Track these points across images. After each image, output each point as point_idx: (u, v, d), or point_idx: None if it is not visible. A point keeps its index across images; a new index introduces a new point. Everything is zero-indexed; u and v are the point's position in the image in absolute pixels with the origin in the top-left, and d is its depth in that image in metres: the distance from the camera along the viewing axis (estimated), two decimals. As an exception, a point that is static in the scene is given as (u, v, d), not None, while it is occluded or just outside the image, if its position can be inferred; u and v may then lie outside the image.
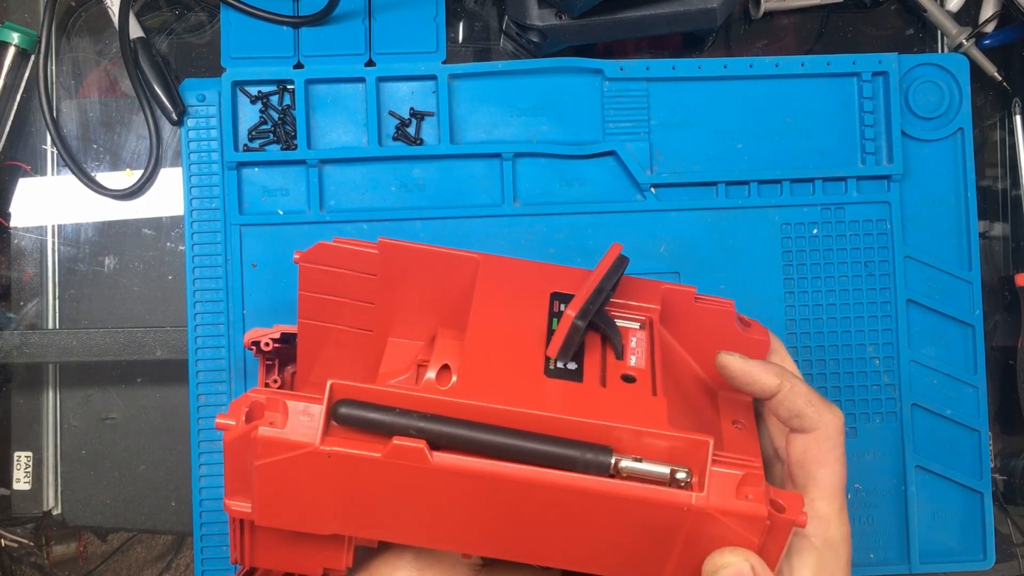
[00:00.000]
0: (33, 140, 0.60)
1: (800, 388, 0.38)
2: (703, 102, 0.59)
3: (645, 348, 0.39)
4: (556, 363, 0.37)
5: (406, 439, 0.33)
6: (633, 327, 0.40)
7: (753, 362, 0.39)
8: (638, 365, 0.38)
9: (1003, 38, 0.62)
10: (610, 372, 0.38)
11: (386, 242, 0.42)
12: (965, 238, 0.60)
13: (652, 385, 0.37)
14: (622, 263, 0.40)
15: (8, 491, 0.59)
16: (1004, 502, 0.62)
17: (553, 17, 0.55)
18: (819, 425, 0.38)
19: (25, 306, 0.59)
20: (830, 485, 0.38)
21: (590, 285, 0.38)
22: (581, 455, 0.33)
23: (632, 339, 0.39)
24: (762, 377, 0.38)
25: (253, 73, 0.58)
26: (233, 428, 0.33)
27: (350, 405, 0.33)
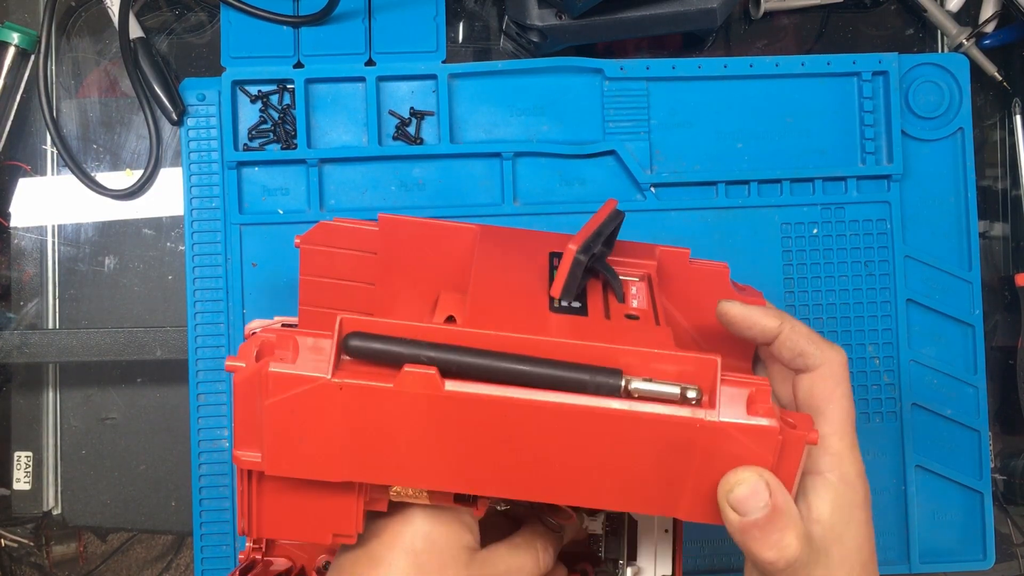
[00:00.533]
0: (33, 140, 0.60)
1: (800, 328, 0.39)
2: (703, 102, 0.59)
3: (646, 295, 0.40)
4: (560, 302, 0.37)
5: (417, 367, 0.32)
6: (633, 279, 0.41)
7: (753, 307, 0.39)
8: (640, 306, 0.39)
9: (1003, 38, 0.62)
10: (613, 311, 0.38)
11: (386, 217, 0.42)
12: (965, 238, 0.60)
13: (655, 321, 0.38)
14: (618, 215, 0.40)
15: (8, 491, 0.59)
16: (1004, 502, 0.62)
17: (553, 17, 0.55)
18: (823, 361, 0.38)
19: (25, 306, 0.59)
20: (840, 420, 0.38)
21: (589, 227, 0.38)
22: (591, 377, 0.33)
23: (632, 288, 0.40)
24: (762, 320, 0.39)
25: (253, 73, 0.58)
26: (243, 369, 0.33)
27: (361, 337, 0.33)
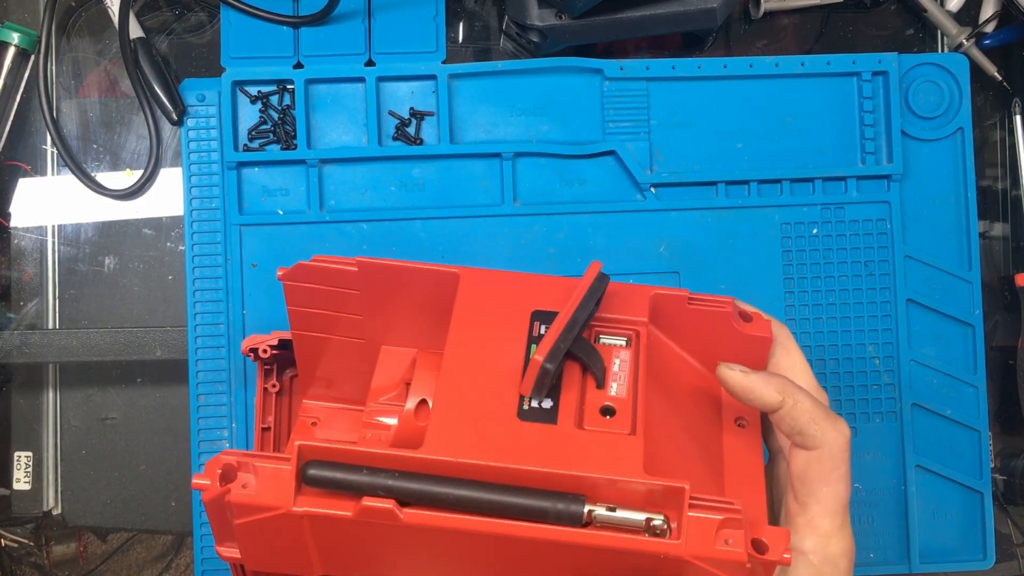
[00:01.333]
0: (33, 140, 0.60)
1: (803, 404, 0.37)
2: (703, 102, 0.59)
3: (629, 371, 0.38)
4: (530, 402, 0.36)
5: (375, 499, 0.33)
6: (619, 343, 0.39)
7: (754, 376, 0.38)
8: (619, 394, 0.37)
9: (1003, 38, 0.62)
10: (588, 405, 0.37)
11: (364, 261, 0.42)
12: (965, 238, 0.60)
13: (632, 418, 0.36)
14: (601, 284, 0.38)
15: (8, 491, 0.59)
16: (1004, 502, 0.62)
17: (553, 17, 0.55)
18: (822, 443, 0.37)
19: (25, 306, 0.59)
20: (832, 502, 0.37)
21: (563, 318, 0.36)
22: (553, 506, 0.33)
23: (615, 360, 0.38)
24: (763, 393, 0.37)
25: (253, 73, 0.58)
26: (209, 488, 0.34)
27: (319, 467, 0.33)
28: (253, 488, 0.34)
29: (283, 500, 0.33)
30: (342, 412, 0.51)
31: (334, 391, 0.50)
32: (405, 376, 0.44)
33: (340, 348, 0.47)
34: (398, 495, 0.33)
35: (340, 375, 0.48)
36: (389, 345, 0.46)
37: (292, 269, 0.43)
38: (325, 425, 0.50)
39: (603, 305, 0.39)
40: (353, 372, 0.48)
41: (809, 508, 0.38)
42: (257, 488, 0.34)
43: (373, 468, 0.33)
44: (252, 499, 0.33)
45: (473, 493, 0.33)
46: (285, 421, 0.54)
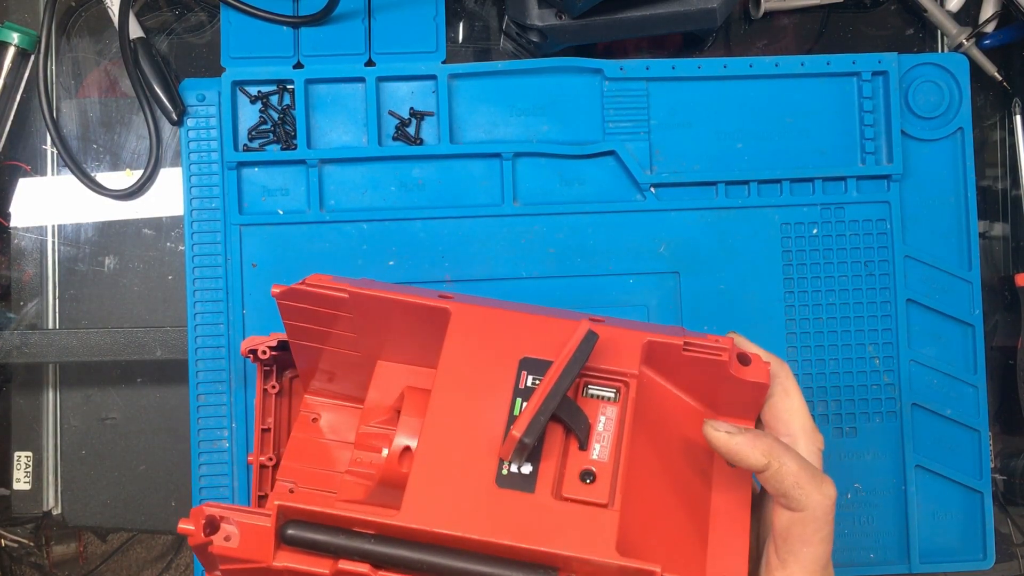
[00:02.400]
0: (33, 140, 0.60)
1: (788, 467, 0.37)
2: (703, 102, 0.59)
3: (614, 430, 0.38)
4: (509, 466, 0.36)
5: (351, 562, 0.34)
6: (606, 396, 0.39)
7: (740, 438, 0.37)
8: (601, 457, 0.37)
9: (1003, 38, 0.62)
10: (569, 468, 0.37)
11: (355, 291, 0.42)
12: (965, 238, 0.60)
13: (612, 485, 0.36)
14: (588, 346, 0.37)
15: (8, 491, 0.59)
16: (1004, 502, 0.62)
17: (553, 17, 0.55)
18: (806, 507, 0.37)
19: (25, 306, 0.59)
20: (812, 563, 0.37)
21: (545, 385, 0.36)
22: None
23: (601, 418, 0.38)
24: (749, 456, 0.37)
25: (253, 73, 0.58)
26: (193, 535, 0.35)
27: (297, 527, 0.35)
28: (235, 541, 0.35)
29: (262, 555, 0.35)
30: (343, 408, 0.51)
31: (335, 386, 0.50)
32: (396, 403, 0.45)
33: (337, 357, 0.47)
34: (373, 559, 0.34)
35: (340, 373, 0.49)
36: (384, 360, 0.46)
37: (285, 291, 0.43)
38: (326, 421, 0.51)
39: (593, 353, 0.38)
40: (353, 370, 0.48)
41: (788, 565, 0.38)
42: (238, 542, 0.35)
43: (350, 532, 0.35)
44: (233, 552, 0.35)
45: (447, 561, 0.34)
46: (285, 422, 0.54)
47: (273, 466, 0.53)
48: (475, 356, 0.39)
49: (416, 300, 0.41)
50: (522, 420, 0.35)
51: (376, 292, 0.41)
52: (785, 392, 0.40)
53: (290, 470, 0.50)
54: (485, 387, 0.38)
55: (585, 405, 0.38)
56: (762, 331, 0.58)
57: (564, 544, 0.34)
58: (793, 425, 0.40)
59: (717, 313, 0.58)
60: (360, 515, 0.34)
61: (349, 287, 0.42)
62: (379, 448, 0.44)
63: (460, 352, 0.39)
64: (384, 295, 0.41)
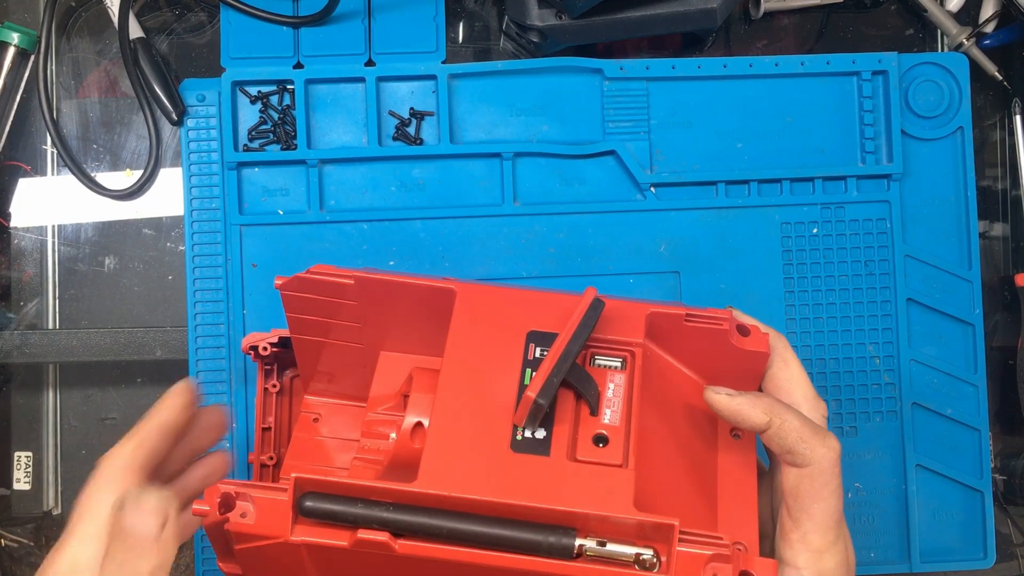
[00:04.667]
0: (33, 140, 0.60)
1: (791, 423, 0.37)
2: (703, 102, 0.59)
3: (623, 396, 0.38)
4: (523, 432, 0.37)
5: (370, 531, 0.34)
6: (613, 365, 0.39)
7: (740, 399, 0.38)
8: (612, 421, 0.37)
9: (1003, 38, 0.62)
10: (582, 432, 0.37)
11: (361, 276, 0.42)
12: (965, 237, 0.60)
13: (625, 447, 0.37)
14: (595, 312, 0.38)
15: (8, 491, 0.59)
16: (1004, 502, 0.62)
17: (553, 17, 0.55)
18: (811, 461, 0.37)
19: (25, 306, 0.59)
20: (825, 518, 0.37)
21: (556, 349, 0.36)
22: (544, 539, 0.33)
23: (609, 385, 0.38)
24: (750, 415, 0.38)
25: (253, 73, 0.58)
26: (208, 514, 0.35)
27: (315, 498, 0.34)
28: (251, 517, 0.35)
29: (280, 530, 0.34)
30: (344, 408, 0.51)
31: (335, 387, 0.50)
32: (403, 388, 0.45)
33: (339, 351, 0.47)
34: (392, 527, 0.34)
35: (341, 371, 0.49)
36: (388, 351, 0.46)
37: (289, 280, 0.43)
38: (327, 421, 0.50)
39: (598, 325, 0.39)
40: (354, 368, 0.48)
41: (802, 524, 0.38)
42: (255, 518, 0.35)
43: (368, 500, 0.34)
44: (250, 528, 0.35)
45: (466, 526, 0.34)
46: (286, 421, 0.54)
47: (274, 465, 0.53)
48: (482, 332, 0.39)
49: (421, 282, 0.41)
50: (536, 382, 0.35)
51: (381, 276, 0.42)
52: (784, 362, 0.41)
53: (293, 468, 0.50)
54: (494, 360, 0.38)
55: (594, 374, 0.38)
56: (762, 331, 0.58)
57: (582, 503, 0.34)
58: (795, 394, 0.40)
59: (717, 313, 0.58)
60: (378, 483, 0.34)
61: (357, 273, 0.42)
62: (386, 435, 0.44)
63: (467, 329, 0.39)
64: (390, 278, 0.41)
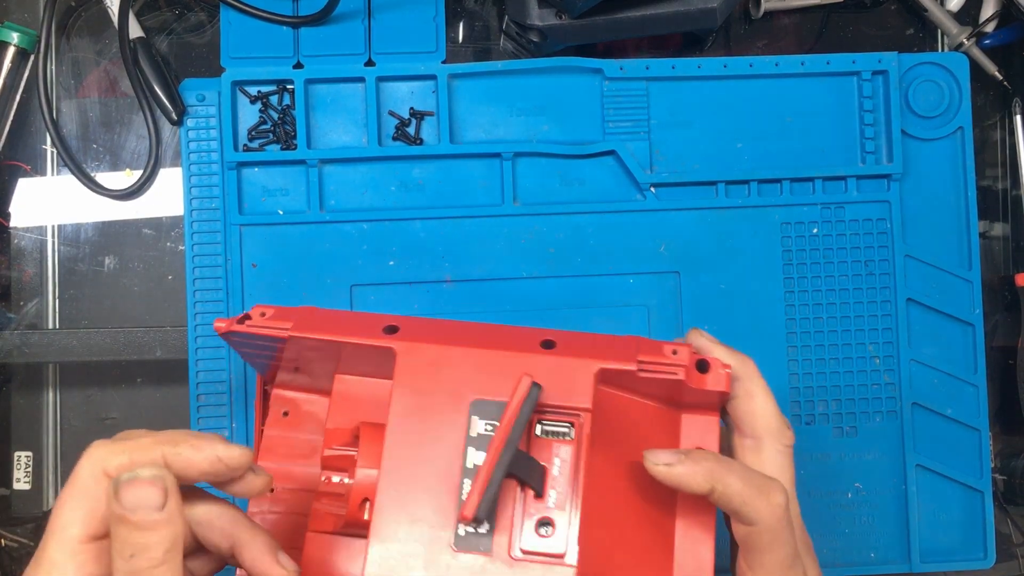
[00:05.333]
0: (33, 140, 0.60)
1: (733, 487, 0.37)
2: (703, 102, 0.59)
3: (569, 472, 0.37)
4: (467, 527, 0.37)
5: None
6: (561, 432, 0.38)
7: (679, 468, 0.38)
8: (558, 505, 0.37)
9: (1003, 38, 0.62)
10: (527, 515, 0.37)
11: (296, 334, 0.42)
12: (965, 237, 0.60)
13: (567, 533, 0.36)
14: (530, 405, 0.37)
15: (8, 491, 0.59)
16: (1004, 502, 0.62)
17: (553, 17, 0.55)
18: (756, 521, 0.37)
19: (25, 306, 0.59)
20: (776, 567, 0.38)
21: (490, 461, 0.35)
22: None
23: (555, 460, 0.38)
24: (691, 484, 0.37)
25: (253, 73, 0.58)
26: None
27: None
28: None
29: None
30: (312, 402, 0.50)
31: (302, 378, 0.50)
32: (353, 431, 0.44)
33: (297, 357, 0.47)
34: None
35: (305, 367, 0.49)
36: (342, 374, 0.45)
37: (225, 331, 0.43)
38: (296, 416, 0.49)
39: (549, 382, 0.38)
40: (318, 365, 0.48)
41: (756, 571, 0.38)
42: None
43: None
44: None
45: None
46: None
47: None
48: (424, 401, 0.38)
49: (359, 341, 0.40)
50: (471, 500, 0.35)
51: (316, 336, 0.41)
52: (748, 395, 0.40)
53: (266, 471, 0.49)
54: (436, 437, 0.38)
55: (538, 445, 0.38)
56: (762, 331, 0.58)
57: None
58: (757, 427, 0.40)
59: (717, 313, 0.58)
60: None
61: (289, 328, 0.42)
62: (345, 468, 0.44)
63: (408, 398, 0.39)
64: (324, 338, 0.41)
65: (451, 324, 0.43)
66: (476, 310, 0.57)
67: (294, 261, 0.57)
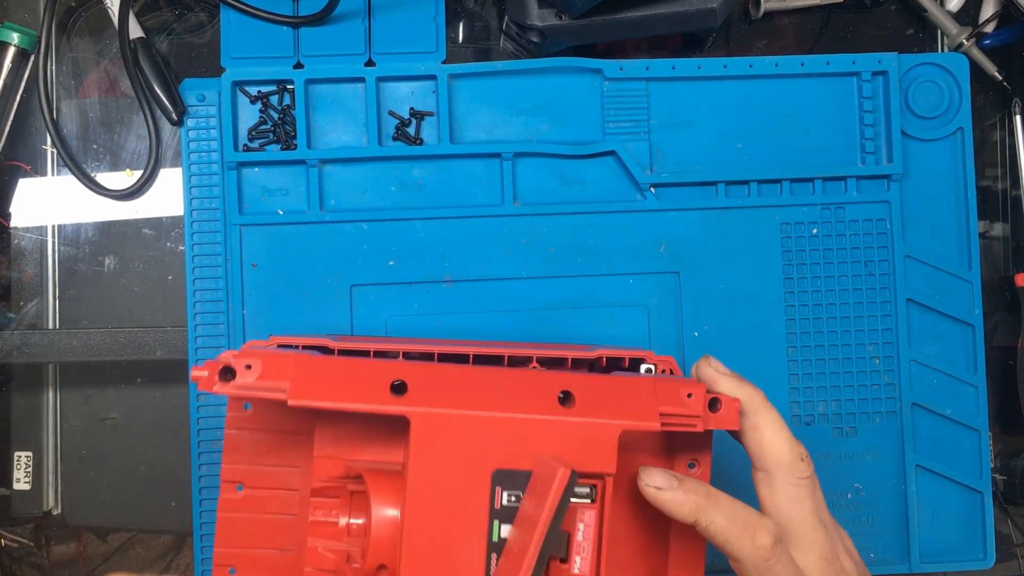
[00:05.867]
0: (33, 140, 0.60)
1: (716, 526, 0.38)
2: (703, 102, 0.59)
3: (593, 537, 0.38)
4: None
5: None
6: (583, 499, 0.38)
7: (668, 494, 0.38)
8: (582, 571, 0.37)
9: (1003, 38, 0.62)
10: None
11: (296, 403, 0.37)
12: (965, 237, 0.60)
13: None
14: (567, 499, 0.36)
15: (8, 491, 0.59)
16: (1004, 502, 0.62)
17: (553, 17, 0.55)
18: (740, 559, 0.38)
19: (25, 306, 0.59)
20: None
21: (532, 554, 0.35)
22: None
23: (579, 526, 0.38)
24: (677, 512, 0.38)
25: (253, 73, 0.58)
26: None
27: None
28: None
29: None
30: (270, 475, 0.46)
31: None
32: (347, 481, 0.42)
33: None
34: None
35: None
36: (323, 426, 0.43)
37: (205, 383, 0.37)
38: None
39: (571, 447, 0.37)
40: None
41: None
42: None
43: None
44: None
45: None
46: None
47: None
48: (444, 473, 0.37)
49: (370, 409, 0.37)
50: None
51: (320, 404, 0.37)
52: (754, 428, 0.40)
53: (224, 557, 0.44)
54: (459, 512, 0.37)
55: None
56: (762, 331, 0.58)
57: None
58: (767, 461, 0.40)
59: (717, 313, 0.58)
60: None
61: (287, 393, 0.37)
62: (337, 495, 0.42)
63: (428, 470, 0.37)
64: (331, 407, 0.37)
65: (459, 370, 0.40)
66: (476, 310, 0.57)
67: (294, 261, 0.57)
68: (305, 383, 0.37)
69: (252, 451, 0.44)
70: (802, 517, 0.39)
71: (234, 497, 0.44)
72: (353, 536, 0.41)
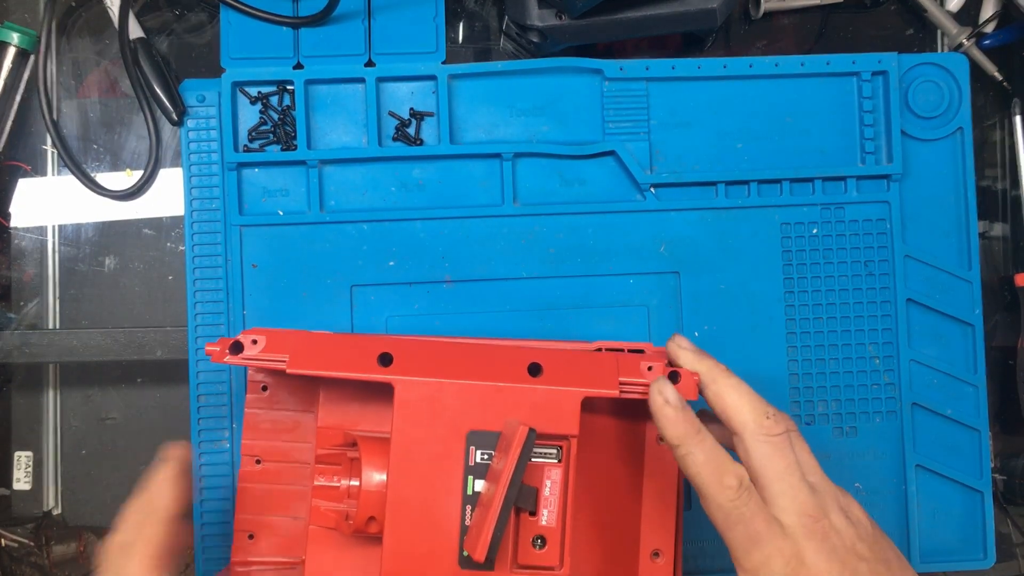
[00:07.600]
0: (33, 140, 0.60)
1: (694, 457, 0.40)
2: (703, 102, 0.59)
3: (559, 492, 0.42)
4: None
5: None
6: (549, 458, 0.42)
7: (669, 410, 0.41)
8: (549, 522, 0.41)
9: (1003, 38, 0.62)
10: (523, 535, 0.41)
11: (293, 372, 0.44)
12: (965, 237, 0.60)
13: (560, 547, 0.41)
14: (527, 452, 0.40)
15: (8, 491, 0.59)
16: (1004, 502, 0.62)
17: (553, 17, 0.55)
18: (706, 497, 0.40)
19: (25, 306, 0.59)
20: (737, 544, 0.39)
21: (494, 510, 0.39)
22: None
23: (546, 482, 0.42)
24: (665, 430, 0.41)
25: (253, 74, 0.58)
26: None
27: None
28: None
29: None
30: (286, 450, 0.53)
31: None
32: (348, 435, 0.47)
33: None
34: None
35: None
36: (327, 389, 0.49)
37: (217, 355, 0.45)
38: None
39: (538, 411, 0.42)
40: None
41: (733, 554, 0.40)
42: None
43: None
44: None
45: None
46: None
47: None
48: (424, 435, 0.42)
49: (358, 376, 0.43)
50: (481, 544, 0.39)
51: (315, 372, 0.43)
52: (718, 396, 0.43)
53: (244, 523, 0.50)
54: (437, 468, 0.42)
55: (530, 468, 0.41)
56: (762, 331, 0.58)
57: None
58: (733, 424, 0.42)
59: (717, 313, 0.58)
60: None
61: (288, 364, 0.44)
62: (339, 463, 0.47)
63: (409, 432, 0.42)
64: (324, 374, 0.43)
65: (440, 346, 0.45)
66: (476, 310, 0.57)
67: (294, 261, 0.57)
68: (303, 355, 0.44)
69: (269, 429, 0.50)
70: (776, 473, 0.40)
71: (253, 470, 0.50)
72: (352, 498, 0.45)
